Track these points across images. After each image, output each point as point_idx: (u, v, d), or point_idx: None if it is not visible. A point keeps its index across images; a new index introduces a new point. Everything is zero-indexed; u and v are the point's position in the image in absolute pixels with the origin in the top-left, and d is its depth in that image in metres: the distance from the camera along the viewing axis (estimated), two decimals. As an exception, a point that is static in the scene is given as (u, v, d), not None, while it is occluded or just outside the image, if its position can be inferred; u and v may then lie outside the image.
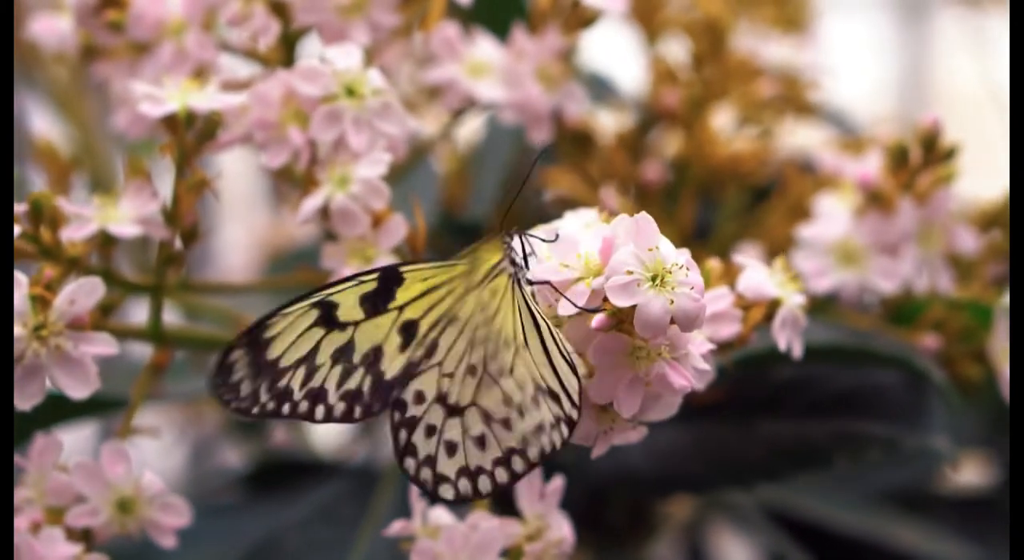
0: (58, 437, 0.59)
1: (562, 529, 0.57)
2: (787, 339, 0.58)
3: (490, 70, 0.69)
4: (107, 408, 0.67)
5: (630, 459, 0.68)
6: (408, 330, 0.53)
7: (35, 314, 0.55)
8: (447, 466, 0.52)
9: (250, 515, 0.79)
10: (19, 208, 0.57)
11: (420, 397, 0.53)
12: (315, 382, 0.53)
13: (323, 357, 0.53)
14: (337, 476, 0.82)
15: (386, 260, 0.59)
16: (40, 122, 1.02)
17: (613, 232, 0.51)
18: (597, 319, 0.50)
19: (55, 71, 0.96)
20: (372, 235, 0.59)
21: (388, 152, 0.59)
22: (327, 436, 1.12)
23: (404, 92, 0.88)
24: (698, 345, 0.53)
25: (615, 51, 0.92)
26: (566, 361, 0.51)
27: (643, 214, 0.51)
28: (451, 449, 0.52)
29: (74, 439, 0.64)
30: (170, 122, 0.60)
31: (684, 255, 0.51)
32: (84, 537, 0.58)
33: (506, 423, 0.52)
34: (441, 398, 0.53)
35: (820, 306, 0.71)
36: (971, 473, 0.96)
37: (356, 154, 0.59)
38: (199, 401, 1.12)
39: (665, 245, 0.50)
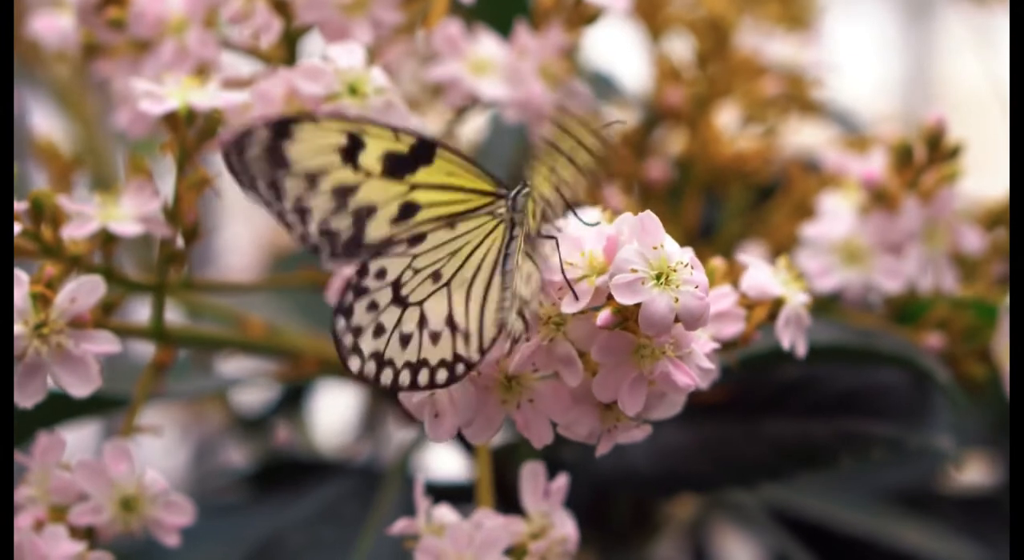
0: (61, 435, 0.58)
1: (566, 527, 0.57)
2: (791, 338, 0.58)
3: (493, 68, 0.69)
4: (110, 407, 0.67)
5: (634, 458, 0.68)
6: (408, 210, 0.54)
7: (36, 312, 0.55)
8: (367, 343, 0.52)
9: (253, 514, 0.79)
10: (20, 206, 0.57)
11: (381, 274, 0.53)
12: (307, 202, 0.54)
13: (326, 185, 0.54)
14: (340, 475, 0.82)
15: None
16: (41, 120, 1.02)
17: (617, 230, 0.51)
18: (602, 317, 0.50)
19: (56, 69, 0.96)
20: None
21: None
22: (330, 435, 1.13)
23: (407, 89, 0.88)
24: (702, 344, 0.53)
25: (618, 49, 0.92)
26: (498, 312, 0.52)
27: (647, 212, 0.50)
28: (379, 331, 0.52)
29: (77, 438, 0.63)
30: (171, 120, 0.60)
31: (688, 253, 0.50)
32: (87, 535, 0.58)
33: (435, 337, 0.52)
34: (396, 284, 0.53)
35: (824, 305, 0.71)
36: (975, 473, 0.95)
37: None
38: (202, 400, 1.13)
39: (669, 243, 0.50)
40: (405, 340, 0.52)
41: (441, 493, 0.61)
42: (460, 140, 0.90)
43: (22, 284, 0.55)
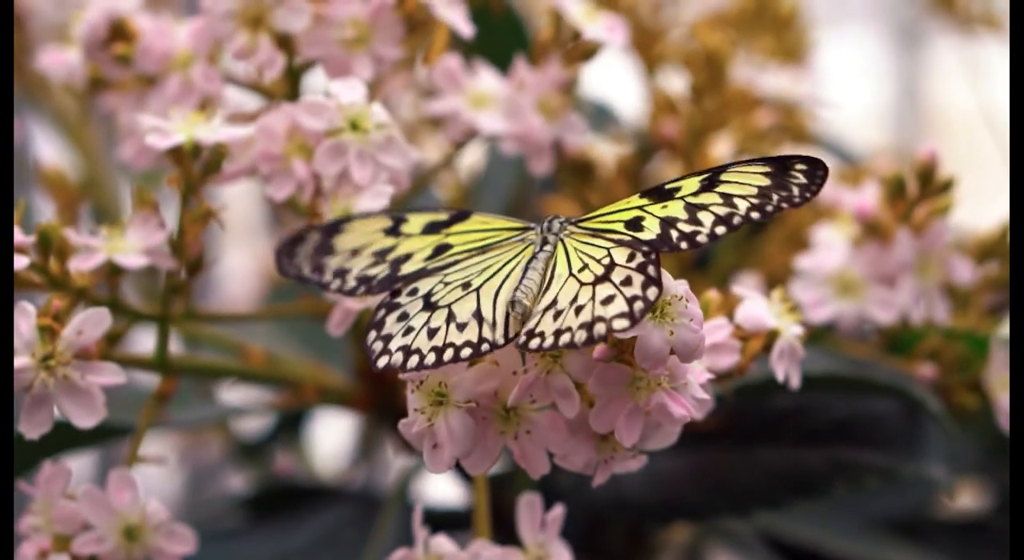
0: (65, 465, 0.59)
1: (562, 558, 0.58)
2: (785, 370, 0.59)
3: (492, 102, 0.70)
4: (112, 436, 0.68)
5: (628, 486, 0.68)
6: (441, 249, 0.56)
7: (43, 344, 0.56)
8: (396, 342, 0.53)
9: (253, 541, 0.80)
10: (28, 239, 0.58)
11: (413, 292, 0.55)
12: (347, 266, 0.56)
13: (365, 253, 0.56)
14: (339, 501, 0.82)
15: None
16: (45, 150, 1.03)
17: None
18: (598, 350, 0.51)
19: (61, 99, 0.97)
20: (375, 266, 0.60)
21: (391, 184, 0.60)
22: (327, 461, 1.13)
23: (406, 121, 0.89)
24: (697, 375, 0.54)
25: (614, 79, 0.93)
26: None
27: (643, 246, 0.51)
28: (407, 331, 0.53)
29: (73, 467, 0.64)
30: (176, 154, 0.61)
31: (683, 286, 0.51)
32: (90, 564, 0.58)
33: (461, 326, 0.53)
34: (427, 296, 0.54)
35: (818, 335, 0.71)
36: (966, 499, 0.96)
37: (359, 187, 0.60)
38: (202, 429, 1.13)
39: (665, 277, 0.51)
40: (432, 333, 0.53)
41: (438, 520, 0.62)
42: (459, 170, 0.91)
43: (29, 316, 0.56)
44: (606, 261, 0.52)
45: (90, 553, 0.58)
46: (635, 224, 0.53)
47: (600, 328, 0.50)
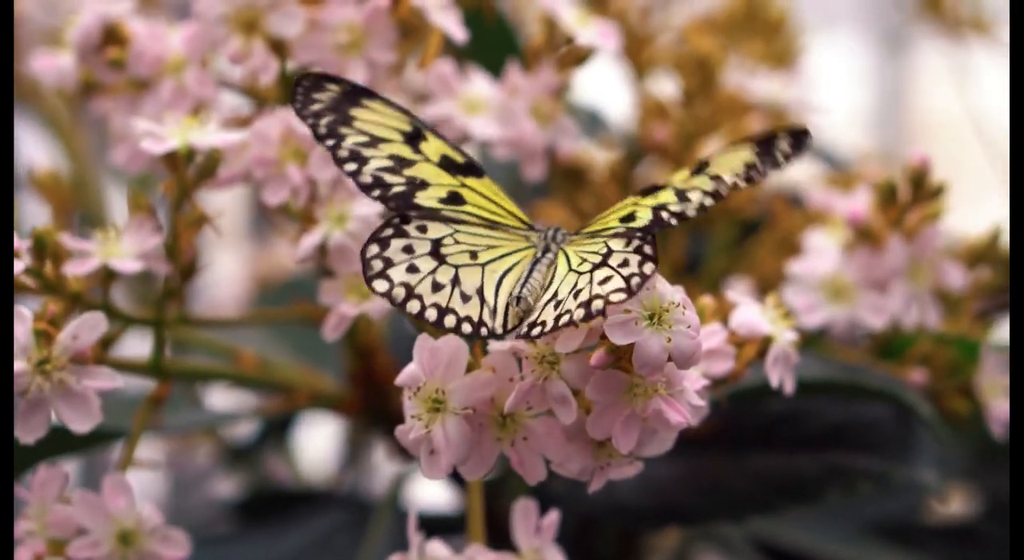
0: (61, 469, 0.59)
1: (557, 562, 0.58)
2: (779, 375, 0.59)
3: (484, 107, 0.70)
4: (105, 440, 0.68)
5: (622, 491, 0.68)
6: (455, 198, 0.56)
7: (39, 349, 0.56)
8: (398, 274, 0.53)
9: (244, 546, 0.79)
10: (23, 243, 0.58)
11: (423, 229, 0.55)
12: (365, 153, 0.56)
13: (386, 151, 0.56)
14: (330, 506, 0.82)
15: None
16: (34, 153, 1.03)
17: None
18: (596, 356, 0.51)
19: (52, 104, 0.96)
20: (370, 271, 0.60)
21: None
22: (314, 464, 1.13)
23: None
24: (693, 381, 0.54)
25: (604, 84, 0.93)
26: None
27: (639, 253, 0.52)
28: (412, 269, 0.53)
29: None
30: (171, 159, 0.61)
31: (680, 293, 0.51)
32: (85, 569, 0.58)
33: (465, 297, 0.53)
34: (437, 242, 0.55)
35: (810, 340, 0.71)
36: (956, 503, 0.96)
37: (354, 192, 0.60)
38: (191, 434, 1.13)
39: (661, 284, 0.51)
40: (437, 287, 0.53)
41: (430, 525, 0.62)
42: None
43: (25, 321, 0.56)
44: (603, 251, 0.52)
45: (85, 558, 0.58)
46: (630, 218, 0.54)
47: (598, 303, 0.50)
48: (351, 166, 0.56)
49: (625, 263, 0.51)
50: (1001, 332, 0.78)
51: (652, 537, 0.89)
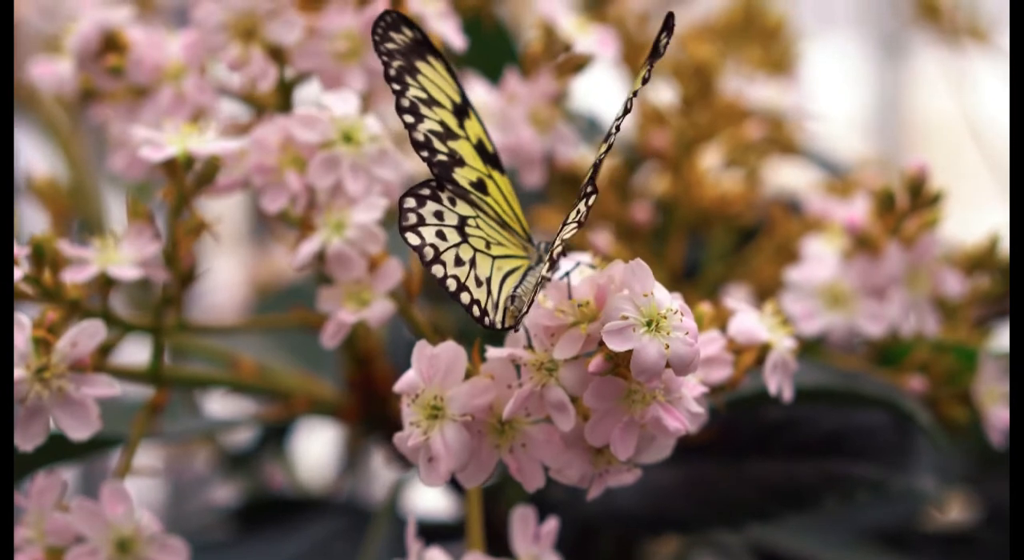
0: (59, 476, 0.59)
1: (556, 570, 0.58)
2: (777, 383, 0.59)
3: (483, 113, 0.70)
4: (103, 448, 0.68)
5: (620, 498, 0.68)
6: (482, 185, 0.57)
7: (38, 356, 0.56)
8: (428, 234, 0.54)
9: (243, 552, 0.80)
10: (21, 251, 0.58)
11: (453, 201, 0.56)
12: (421, 110, 0.57)
13: (438, 115, 0.57)
14: (328, 513, 0.82)
15: (382, 304, 0.59)
16: (32, 160, 1.03)
17: (608, 277, 0.52)
18: (594, 363, 0.51)
19: (51, 110, 0.96)
20: (368, 279, 0.60)
21: (385, 197, 0.60)
22: (312, 470, 1.13)
23: (399, 133, 0.89)
24: (691, 388, 0.54)
25: (603, 90, 0.93)
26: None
27: (638, 260, 0.51)
28: (440, 236, 0.55)
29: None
30: (170, 166, 0.61)
31: (678, 300, 0.51)
32: (84, 577, 0.58)
33: (478, 282, 0.54)
34: (463, 219, 0.56)
35: (808, 347, 0.72)
36: (955, 510, 0.96)
37: (353, 199, 0.60)
38: (189, 441, 1.13)
39: (659, 290, 0.51)
40: (459, 261, 0.54)
41: (428, 531, 0.62)
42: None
43: (24, 328, 0.56)
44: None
45: (83, 566, 0.58)
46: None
47: (557, 249, 0.52)
48: (409, 118, 0.57)
49: (579, 212, 0.53)
50: (999, 339, 0.78)
51: (651, 544, 0.89)
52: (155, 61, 0.67)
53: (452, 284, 0.53)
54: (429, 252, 0.54)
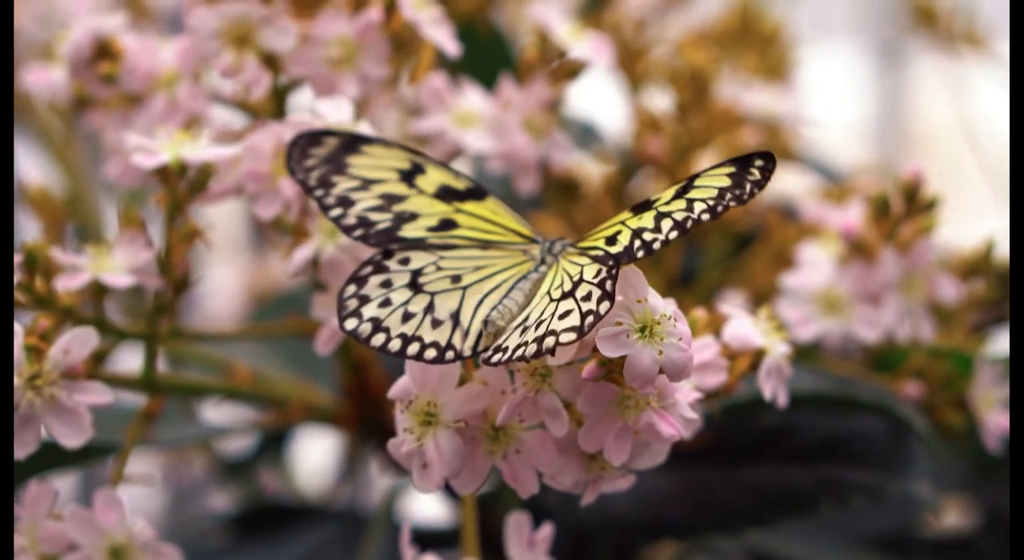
0: (52, 485, 0.59)
1: (551, 577, 0.58)
2: (772, 388, 0.59)
3: (478, 120, 0.70)
4: (97, 455, 0.68)
5: (616, 504, 0.68)
6: (447, 224, 0.57)
7: (30, 364, 0.56)
8: (370, 310, 0.54)
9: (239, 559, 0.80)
10: (14, 258, 0.58)
11: (405, 261, 0.55)
12: (353, 197, 0.57)
13: (374, 191, 0.57)
14: (324, 520, 0.82)
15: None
16: (28, 168, 1.03)
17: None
18: (587, 369, 0.51)
19: (46, 118, 0.96)
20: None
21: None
22: (310, 478, 1.13)
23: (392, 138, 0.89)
24: (686, 394, 0.54)
25: (598, 96, 0.93)
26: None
27: (631, 266, 0.51)
28: (385, 303, 0.54)
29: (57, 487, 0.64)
30: (163, 173, 0.61)
31: (671, 306, 0.51)
32: (77, 585, 0.58)
33: (436, 323, 0.54)
34: (417, 272, 0.55)
35: (804, 353, 0.71)
36: (951, 516, 0.96)
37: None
38: (185, 448, 1.13)
39: (653, 296, 0.51)
40: (407, 317, 0.54)
41: (424, 538, 0.62)
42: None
43: (16, 336, 0.56)
44: (576, 278, 0.52)
45: (77, 573, 0.58)
46: (613, 239, 0.53)
47: (549, 341, 0.50)
48: (336, 211, 0.57)
49: (588, 297, 0.51)
50: (995, 345, 0.78)
51: (646, 550, 0.89)
52: (148, 68, 0.67)
53: (396, 344, 0.53)
54: (366, 328, 0.53)
